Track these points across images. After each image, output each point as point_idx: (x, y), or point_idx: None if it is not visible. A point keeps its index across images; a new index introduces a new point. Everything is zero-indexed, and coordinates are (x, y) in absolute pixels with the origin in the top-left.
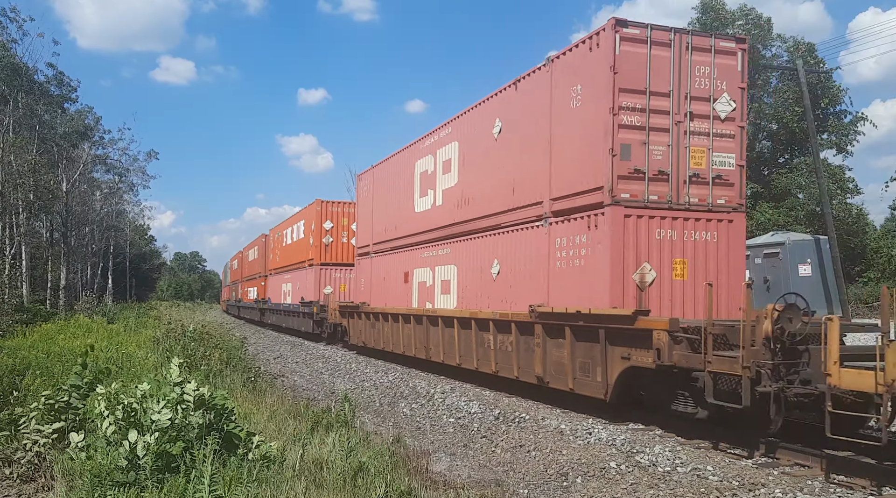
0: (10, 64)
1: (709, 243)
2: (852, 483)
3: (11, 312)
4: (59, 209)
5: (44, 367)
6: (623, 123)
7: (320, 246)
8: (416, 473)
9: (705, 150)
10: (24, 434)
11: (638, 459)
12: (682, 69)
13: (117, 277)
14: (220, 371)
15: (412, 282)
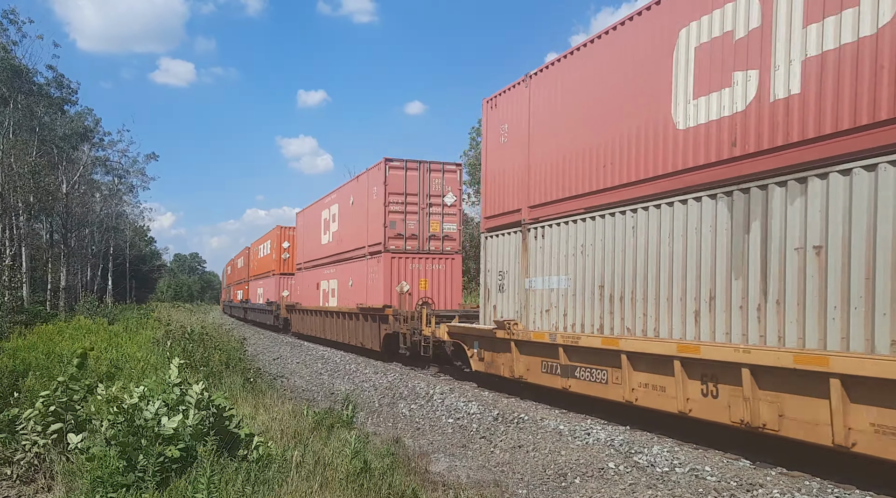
0: (9, 66)
1: (440, 271)
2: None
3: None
4: (59, 211)
5: (44, 368)
6: (391, 210)
7: (280, 260)
8: (415, 474)
9: (438, 222)
10: (23, 435)
11: (636, 460)
12: (424, 181)
13: (117, 279)
14: (219, 372)
15: (320, 289)
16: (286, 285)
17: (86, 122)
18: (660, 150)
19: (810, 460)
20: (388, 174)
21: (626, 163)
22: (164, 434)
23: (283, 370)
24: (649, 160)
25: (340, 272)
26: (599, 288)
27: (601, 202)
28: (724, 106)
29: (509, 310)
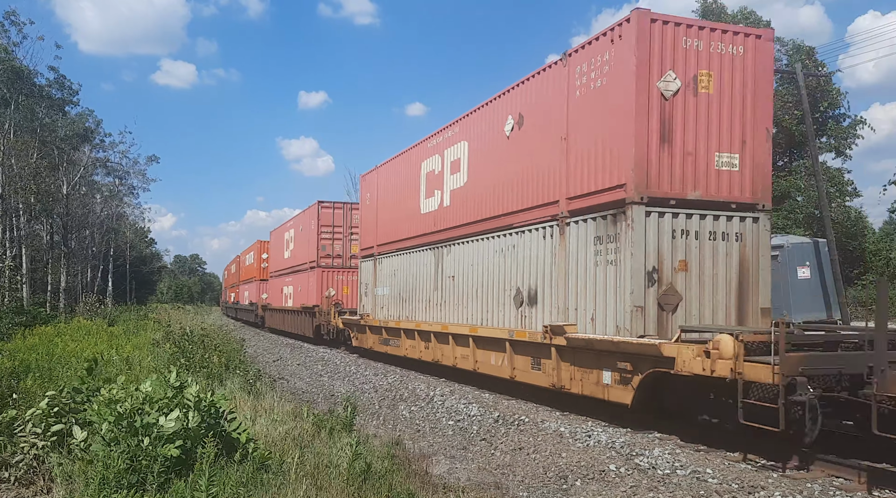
0: (10, 67)
1: (356, 280)
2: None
3: (11, 314)
4: (60, 212)
5: (44, 369)
6: (322, 237)
7: (260, 268)
8: (415, 476)
9: (357, 245)
10: (22, 437)
11: (637, 462)
12: (347, 216)
13: (117, 280)
14: (219, 374)
15: (283, 293)
16: (264, 289)
17: (87, 123)
18: (414, 223)
19: (814, 463)
20: (321, 212)
21: (406, 227)
22: (164, 435)
23: (283, 372)
24: (412, 228)
25: (294, 280)
26: (398, 294)
27: (398, 247)
28: (433, 205)
29: (367, 307)
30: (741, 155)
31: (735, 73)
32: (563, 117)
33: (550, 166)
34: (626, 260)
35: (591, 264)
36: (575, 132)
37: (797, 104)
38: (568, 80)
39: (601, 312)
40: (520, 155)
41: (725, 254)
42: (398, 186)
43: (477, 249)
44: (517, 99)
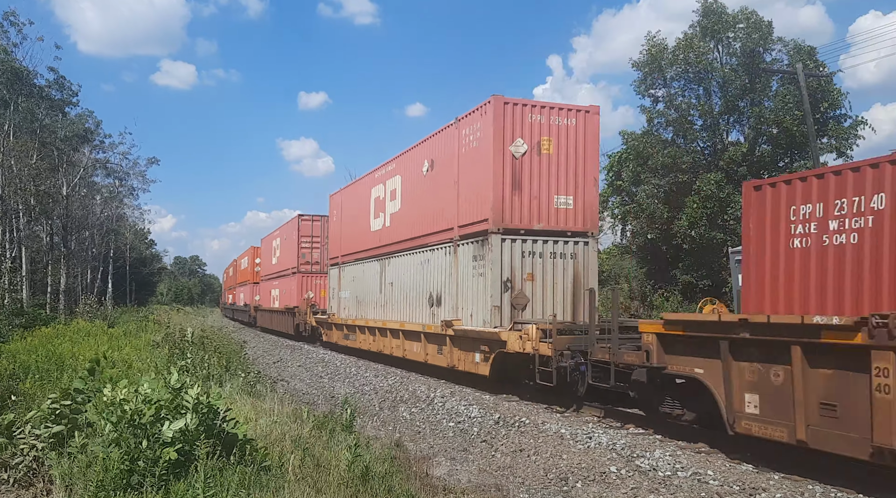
0: (10, 68)
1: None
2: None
3: (11, 315)
4: (60, 213)
5: (43, 371)
6: (302, 246)
7: (253, 272)
8: (416, 478)
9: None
10: (21, 438)
11: (638, 464)
12: (324, 228)
13: (117, 281)
14: (219, 376)
15: (271, 295)
16: (257, 292)
17: (86, 124)
18: (366, 239)
19: (814, 464)
20: (300, 224)
21: (361, 241)
22: (164, 438)
23: (283, 374)
24: (365, 242)
25: (279, 284)
26: (356, 297)
27: (355, 258)
28: (379, 225)
29: (334, 308)
30: (574, 197)
31: (569, 139)
32: (456, 166)
33: (449, 201)
34: (489, 273)
35: (469, 276)
36: (462, 178)
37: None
38: (458, 138)
39: (475, 310)
40: (432, 191)
41: (563, 268)
42: (356, 207)
43: (407, 262)
44: (430, 147)
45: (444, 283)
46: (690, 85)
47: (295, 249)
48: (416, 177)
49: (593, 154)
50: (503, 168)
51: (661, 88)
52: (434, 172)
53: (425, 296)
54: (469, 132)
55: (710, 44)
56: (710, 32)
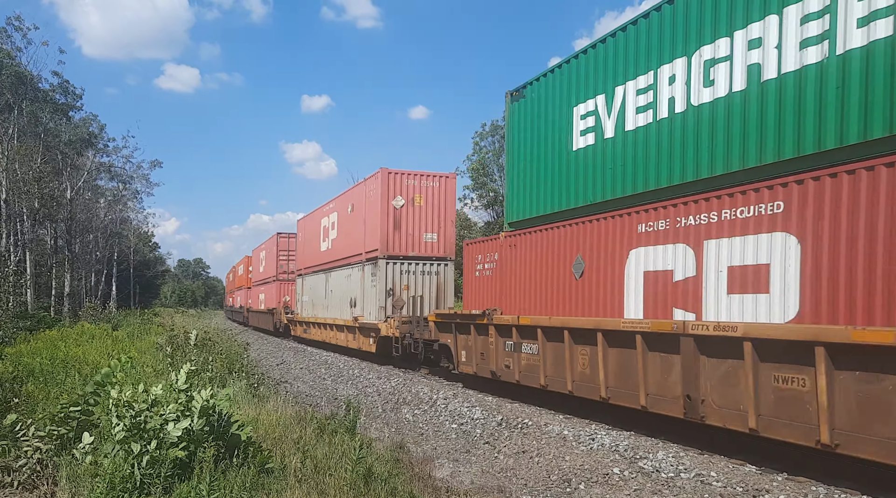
0: (14, 72)
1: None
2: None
3: (16, 319)
4: (64, 217)
5: (47, 374)
6: (280, 259)
7: (247, 279)
8: (418, 480)
9: None
10: (25, 441)
11: (641, 465)
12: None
13: (121, 284)
14: (223, 378)
15: (259, 298)
16: (249, 295)
17: (90, 128)
18: (318, 256)
19: (818, 465)
20: (279, 241)
21: (315, 258)
22: (171, 438)
23: (286, 376)
24: (317, 259)
25: (264, 289)
26: (312, 300)
27: (312, 270)
28: (325, 247)
29: (298, 309)
30: (437, 233)
31: (434, 195)
32: (364, 211)
33: (360, 234)
34: (378, 284)
35: (369, 286)
36: (367, 219)
37: None
38: (365, 192)
39: (370, 309)
40: (353, 226)
41: (429, 282)
42: (312, 232)
43: (339, 275)
44: (352, 195)
45: (357, 291)
46: None
47: (274, 261)
48: (345, 215)
49: (451, 204)
50: (388, 215)
51: None
52: (354, 213)
53: (348, 300)
54: (370, 189)
55: None
56: None
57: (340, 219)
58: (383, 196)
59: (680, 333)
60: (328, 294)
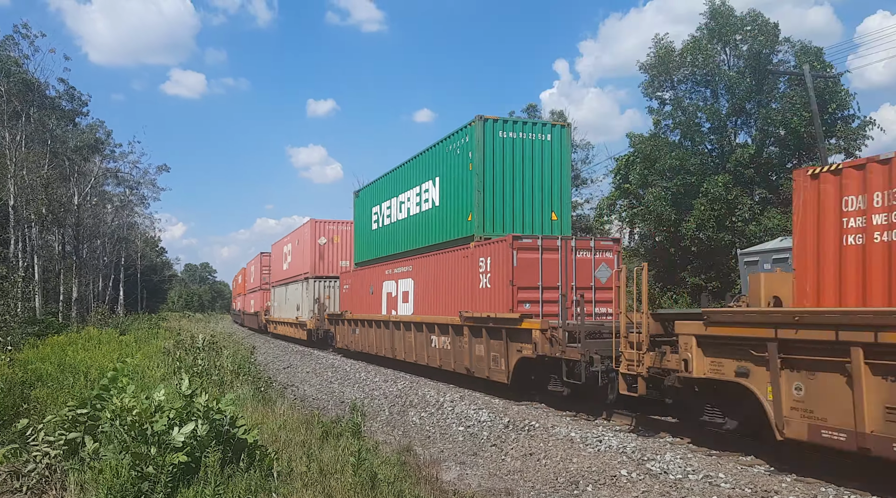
0: (21, 79)
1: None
2: None
3: (24, 324)
4: (71, 222)
5: (55, 379)
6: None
7: (244, 287)
8: (425, 482)
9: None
10: (34, 446)
11: (649, 467)
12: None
13: (128, 289)
14: (230, 381)
15: (250, 303)
16: (245, 301)
17: (97, 134)
18: (280, 275)
19: (827, 466)
20: (262, 259)
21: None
22: (174, 443)
23: (293, 379)
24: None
25: (254, 296)
26: (278, 305)
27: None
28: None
29: (271, 312)
30: (349, 262)
31: (348, 235)
32: (304, 244)
33: (301, 261)
34: (310, 295)
35: (305, 296)
36: (305, 251)
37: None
38: (304, 232)
39: (305, 312)
40: (301, 253)
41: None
42: (278, 254)
43: (293, 287)
44: (298, 233)
45: (300, 299)
46: (698, 87)
47: (259, 274)
48: (295, 246)
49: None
50: (315, 250)
51: (668, 91)
52: (299, 246)
53: (295, 305)
54: (306, 231)
55: (717, 46)
56: (718, 35)
57: (293, 248)
58: (312, 237)
59: (390, 320)
60: (286, 301)
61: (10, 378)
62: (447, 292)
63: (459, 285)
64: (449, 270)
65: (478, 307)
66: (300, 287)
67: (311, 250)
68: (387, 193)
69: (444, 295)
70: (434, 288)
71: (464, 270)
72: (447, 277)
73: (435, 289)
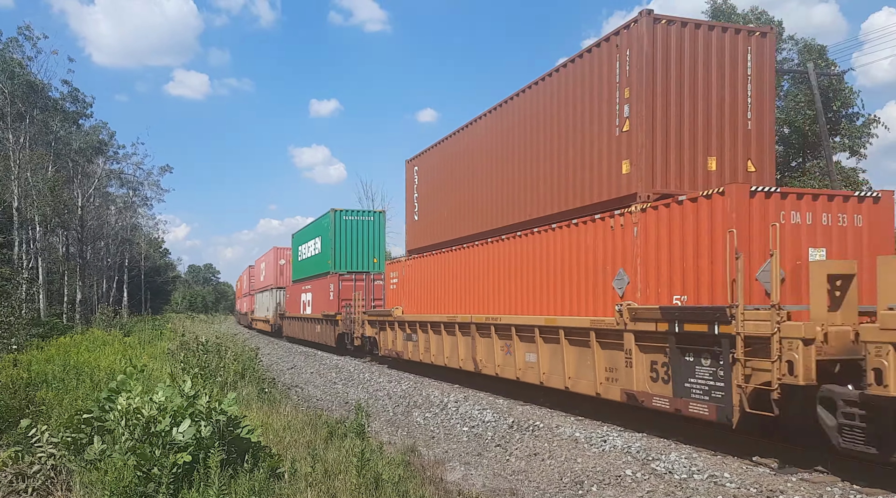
0: (25, 81)
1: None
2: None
3: (28, 326)
4: (75, 224)
5: (59, 380)
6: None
7: (241, 291)
8: (430, 483)
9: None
10: (39, 447)
11: (654, 467)
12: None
13: (132, 290)
14: (234, 382)
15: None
16: (241, 303)
17: (100, 135)
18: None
19: (836, 464)
20: (250, 271)
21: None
22: (178, 444)
23: (297, 380)
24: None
25: (245, 300)
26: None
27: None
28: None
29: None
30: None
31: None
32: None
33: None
34: (273, 300)
35: (271, 301)
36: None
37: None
38: (270, 255)
39: (270, 312)
40: (268, 270)
41: (323, 296)
42: (257, 269)
43: (267, 294)
44: (267, 255)
45: (269, 303)
46: None
47: (248, 282)
48: (266, 264)
49: None
50: (277, 267)
51: None
52: (268, 265)
53: (265, 307)
54: (270, 254)
55: None
56: None
57: (265, 266)
58: (275, 259)
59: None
60: (261, 304)
61: (15, 379)
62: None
63: (323, 299)
64: (322, 288)
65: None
66: (269, 294)
67: (274, 269)
68: (302, 240)
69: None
70: (318, 300)
71: (324, 290)
72: (321, 293)
73: (318, 302)
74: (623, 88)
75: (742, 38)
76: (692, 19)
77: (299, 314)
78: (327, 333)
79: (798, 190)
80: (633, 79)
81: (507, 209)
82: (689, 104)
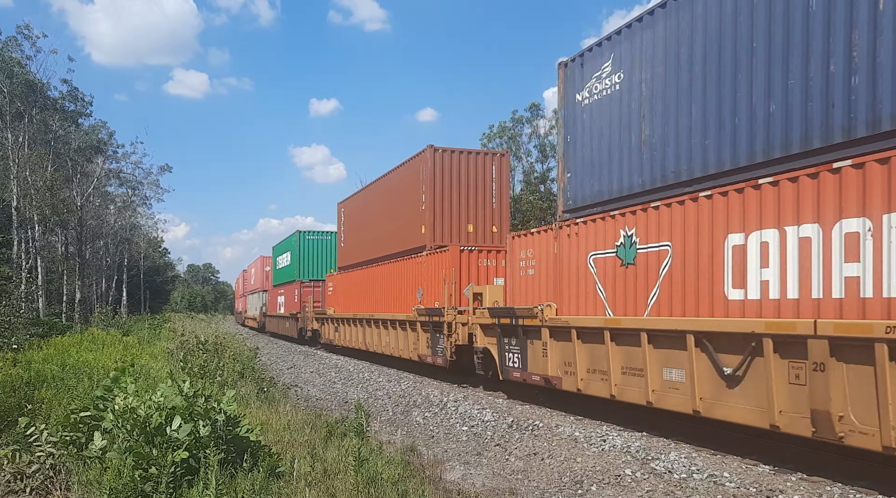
0: (24, 81)
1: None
2: None
3: (27, 325)
4: (74, 223)
5: (59, 380)
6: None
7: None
8: (429, 482)
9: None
10: (37, 447)
11: (653, 466)
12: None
13: (131, 290)
14: (234, 382)
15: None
16: (239, 303)
17: (100, 134)
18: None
19: (831, 465)
20: (244, 274)
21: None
22: (176, 443)
23: (296, 380)
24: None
25: (242, 301)
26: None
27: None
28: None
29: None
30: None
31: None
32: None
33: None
34: (261, 301)
35: (259, 301)
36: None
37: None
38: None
39: (256, 311)
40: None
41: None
42: (249, 273)
43: (256, 296)
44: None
45: (258, 303)
46: None
47: (243, 284)
48: (256, 269)
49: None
50: (264, 273)
51: None
52: (257, 270)
53: (255, 307)
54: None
55: None
56: None
57: (255, 271)
58: (262, 266)
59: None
60: (252, 304)
61: (15, 379)
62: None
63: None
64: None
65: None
66: (257, 296)
67: (261, 274)
68: (279, 252)
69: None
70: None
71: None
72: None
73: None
74: (421, 185)
75: (489, 157)
76: (458, 148)
77: (276, 313)
78: (292, 327)
79: (487, 246)
80: (426, 180)
81: (379, 246)
82: (457, 194)
